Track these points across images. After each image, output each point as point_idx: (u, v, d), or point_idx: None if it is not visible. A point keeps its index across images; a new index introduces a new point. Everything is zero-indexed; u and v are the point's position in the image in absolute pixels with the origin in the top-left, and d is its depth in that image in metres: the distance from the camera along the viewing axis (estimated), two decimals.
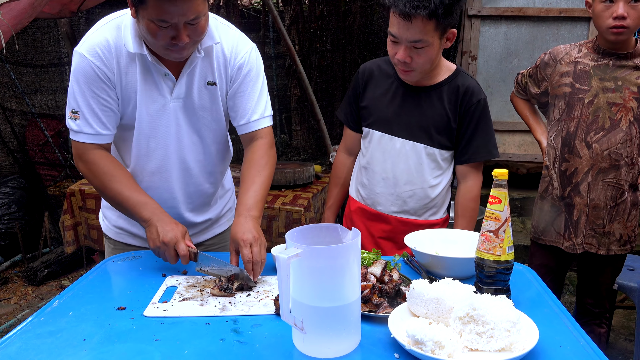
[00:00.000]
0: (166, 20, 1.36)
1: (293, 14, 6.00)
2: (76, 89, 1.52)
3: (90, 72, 1.50)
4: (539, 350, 1.07)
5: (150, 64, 1.52)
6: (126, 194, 1.52)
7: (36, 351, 1.08)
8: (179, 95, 1.58)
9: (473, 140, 1.89)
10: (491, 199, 1.23)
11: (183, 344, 1.11)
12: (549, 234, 2.34)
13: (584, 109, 2.17)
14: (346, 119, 2.06)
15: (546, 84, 2.31)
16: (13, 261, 4.39)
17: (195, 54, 1.54)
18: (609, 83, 2.13)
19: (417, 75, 1.81)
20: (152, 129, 1.60)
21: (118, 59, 1.51)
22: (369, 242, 2.03)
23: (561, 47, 2.28)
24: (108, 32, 1.51)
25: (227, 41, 1.61)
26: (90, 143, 1.55)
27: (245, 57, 1.62)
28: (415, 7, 1.61)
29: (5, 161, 4.97)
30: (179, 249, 1.43)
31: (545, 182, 2.34)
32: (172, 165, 1.66)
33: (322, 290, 1.04)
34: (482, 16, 4.40)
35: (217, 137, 1.71)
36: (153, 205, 1.51)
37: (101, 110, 1.53)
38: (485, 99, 1.89)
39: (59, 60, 5.02)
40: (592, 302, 2.40)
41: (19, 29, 2.22)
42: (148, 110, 1.57)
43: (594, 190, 2.19)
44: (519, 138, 4.62)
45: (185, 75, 1.56)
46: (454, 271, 1.41)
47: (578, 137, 2.18)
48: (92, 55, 1.49)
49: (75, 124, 1.54)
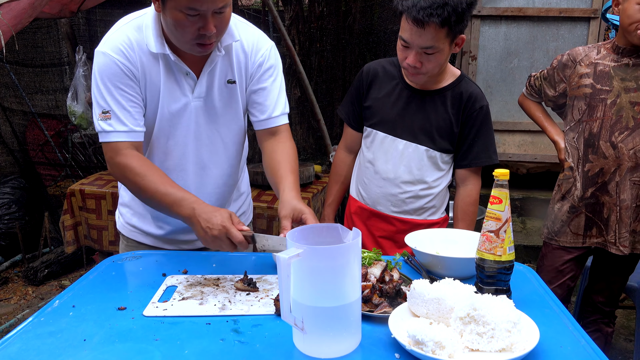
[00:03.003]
0: (196, 8, 1.35)
1: (293, 14, 6.00)
2: (103, 89, 1.49)
3: (116, 69, 1.48)
4: (539, 351, 1.07)
5: (172, 63, 1.52)
6: (161, 191, 1.45)
7: (36, 351, 1.08)
8: (200, 94, 1.58)
9: (474, 145, 1.91)
10: (492, 199, 1.23)
11: (183, 344, 1.11)
12: (566, 235, 2.31)
13: (606, 109, 2.16)
14: (347, 117, 2.06)
15: (564, 86, 2.30)
16: (13, 261, 4.39)
17: (216, 52, 1.54)
18: (631, 83, 2.13)
19: (424, 78, 1.84)
20: (172, 128, 1.60)
21: (141, 58, 1.51)
22: (369, 242, 2.04)
23: (579, 49, 2.27)
24: (130, 31, 1.51)
25: (247, 38, 1.61)
26: (123, 142, 1.50)
27: (266, 54, 1.63)
28: (428, 15, 1.63)
29: (5, 161, 4.97)
30: (232, 237, 1.34)
31: (569, 183, 2.30)
32: (189, 164, 1.66)
33: (322, 290, 1.04)
34: (482, 16, 4.40)
35: (236, 136, 1.71)
36: (190, 199, 1.43)
37: (131, 106, 1.51)
38: (488, 106, 1.92)
39: (59, 60, 5.02)
40: (603, 300, 2.39)
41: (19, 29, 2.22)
42: (170, 110, 1.57)
43: (623, 191, 2.18)
44: (519, 138, 4.62)
45: (206, 73, 1.57)
46: (455, 271, 1.41)
47: (602, 137, 2.17)
48: (116, 52, 1.48)
49: (106, 123, 1.50)
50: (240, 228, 1.36)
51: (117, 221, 1.87)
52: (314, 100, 4.46)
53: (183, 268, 1.52)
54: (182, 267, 1.52)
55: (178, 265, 1.54)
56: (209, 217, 1.36)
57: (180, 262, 1.56)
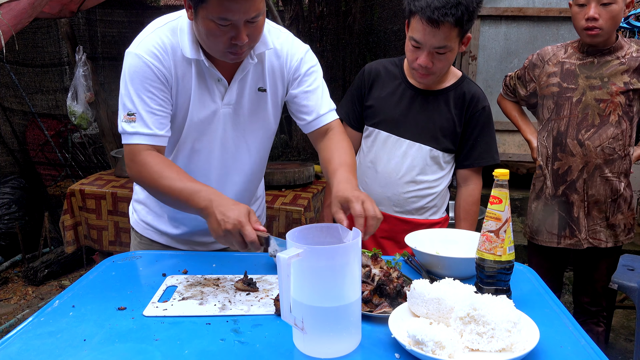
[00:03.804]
0: (227, 18, 1.33)
1: (293, 14, 6.00)
2: (132, 90, 1.46)
3: (148, 72, 1.45)
4: (539, 351, 1.07)
5: (205, 69, 1.51)
6: (178, 186, 1.40)
7: (36, 351, 1.08)
8: (229, 102, 1.57)
9: (477, 146, 1.92)
10: (492, 199, 1.23)
11: (183, 344, 1.11)
12: (542, 233, 2.35)
13: (572, 107, 2.20)
14: (347, 117, 2.07)
15: (534, 85, 2.34)
16: (13, 261, 4.39)
17: (248, 59, 1.52)
18: (595, 80, 2.16)
19: (434, 79, 1.85)
20: (199, 133, 1.58)
21: (175, 62, 1.48)
22: (370, 242, 2.04)
23: (548, 48, 2.31)
24: (164, 35, 1.48)
25: (281, 44, 1.60)
26: (144, 144, 1.47)
27: (301, 57, 1.62)
28: (443, 15, 1.64)
29: (6, 161, 4.97)
30: (245, 234, 1.27)
31: (540, 181, 2.36)
32: (212, 170, 1.65)
33: (322, 290, 1.04)
34: (482, 16, 4.40)
35: (261, 144, 1.70)
36: (208, 191, 1.36)
37: (159, 110, 1.48)
38: (489, 106, 1.93)
39: (59, 60, 5.02)
40: (588, 300, 2.41)
41: (19, 29, 2.22)
42: (199, 116, 1.55)
43: (592, 186, 2.22)
44: (519, 138, 4.62)
45: (238, 81, 1.56)
46: (455, 271, 1.41)
47: (569, 135, 2.21)
48: (150, 55, 1.45)
49: (130, 125, 1.47)
50: (257, 227, 1.29)
51: (131, 217, 1.85)
52: None
53: (183, 268, 1.52)
54: (182, 267, 1.52)
55: (178, 265, 1.54)
56: (226, 210, 1.30)
57: (180, 262, 1.56)
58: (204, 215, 1.36)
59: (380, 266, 1.35)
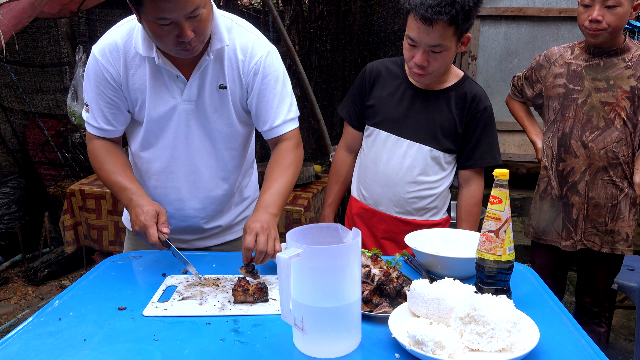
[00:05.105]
0: (166, 17, 1.34)
1: (293, 14, 5.99)
2: (87, 85, 1.60)
3: (99, 72, 1.56)
4: (539, 351, 1.07)
5: (161, 66, 1.52)
6: (112, 179, 1.58)
7: (36, 351, 1.08)
8: (190, 98, 1.58)
9: (479, 146, 1.91)
10: (492, 199, 1.23)
11: (183, 344, 1.11)
12: (550, 233, 2.34)
13: (577, 109, 2.19)
14: (349, 116, 2.06)
15: (540, 86, 2.33)
16: (13, 261, 4.39)
17: (205, 56, 1.53)
18: (601, 83, 2.15)
19: (430, 79, 1.84)
20: (161, 129, 1.62)
21: (126, 61, 1.54)
22: (370, 242, 2.04)
23: (555, 49, 2.30)
24: (119, 34, 1.55)
25: (241, 44, 1.58)
26: (93, 134, 1.64)
27: (260, 61, 1.58)
28: (437, 13, 1.63)
29: (5, 161, 4.97)
30: (148, 236, 1.44)
31: (544, 182, 2.35)
32: (179, 167, 1.66)
33: (322, 290, 1.04)
34: (482, 16, 4.40)
35: (231, 142, 1.68)
36: (132, 190, 1.53)
37: (107, 108, 1.60)
38: (491, 106, 1.92)
39: (59, 60, 5.02)
40: (590, 301, 2.40)
41: (19, 29, 2.22)
42: (157, 111, 1.59)
43: (593, 189, 2.21)
44: (519, 138, 4.62)
45: (197, 77, 1.56)
46: (455, 271, 1.41)
47: (574, 137, 2.20)
48: (101, 55, 1.55)
49: (86, 115, 1.63)
50: (161, 229, 1.46)
51: (123, 215, 1.89)
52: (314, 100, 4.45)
53: (183, 268, 1.52)
54: (182, 267, 1.52)
55: (178, 265, 1.54)
56: (138, 212, 1.47)
57: (180, 262, 1.56)
58: (128, 210, 1.54)
59: (380, 266, 1.35)
